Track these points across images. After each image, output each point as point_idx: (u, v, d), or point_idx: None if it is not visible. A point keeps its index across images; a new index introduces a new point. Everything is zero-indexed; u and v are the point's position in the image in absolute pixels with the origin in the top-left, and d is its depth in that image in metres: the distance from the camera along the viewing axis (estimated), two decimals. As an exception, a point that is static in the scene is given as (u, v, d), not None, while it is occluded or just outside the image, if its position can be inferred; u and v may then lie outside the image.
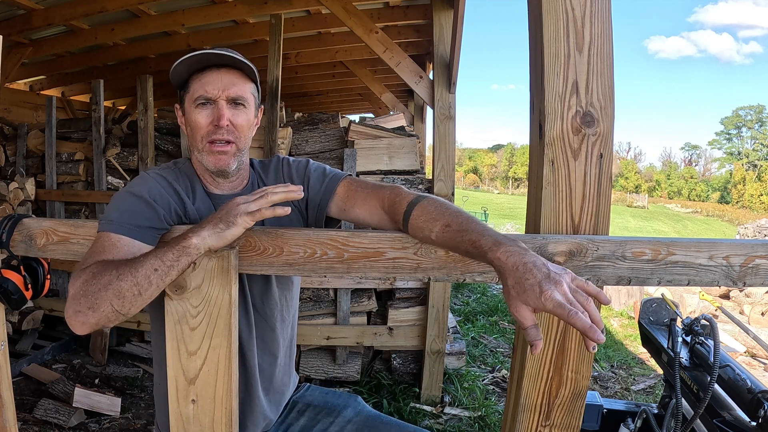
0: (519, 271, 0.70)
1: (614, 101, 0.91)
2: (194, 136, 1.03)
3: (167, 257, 0.84)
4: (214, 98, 1.00)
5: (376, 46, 3.00)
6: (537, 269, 0.70)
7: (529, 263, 0.71)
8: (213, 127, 1.01)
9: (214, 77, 1.00)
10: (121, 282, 0.82)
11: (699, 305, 4.60)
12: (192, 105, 1.02)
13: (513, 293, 0.70)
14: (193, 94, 1.01)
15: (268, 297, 1.11)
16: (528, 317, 0.69)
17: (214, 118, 1.00)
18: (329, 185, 1.08)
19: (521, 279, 0.70)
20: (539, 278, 0.68)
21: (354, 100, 7.61)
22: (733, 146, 49.27)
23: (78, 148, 3.58)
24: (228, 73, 1.02)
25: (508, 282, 0.71)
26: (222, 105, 1.01)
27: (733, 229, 19.71)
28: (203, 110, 1.01)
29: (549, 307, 0.66)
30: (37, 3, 3.14)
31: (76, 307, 0.83)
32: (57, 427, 2.52)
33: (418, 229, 0.89)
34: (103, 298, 0.82)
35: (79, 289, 0.84)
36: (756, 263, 0.87)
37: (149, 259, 0.84)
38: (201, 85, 1.00)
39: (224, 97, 1.01)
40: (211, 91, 1.00)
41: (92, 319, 0.83)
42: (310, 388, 1.31)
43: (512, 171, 54.82)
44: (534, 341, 0.68)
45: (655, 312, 1.67)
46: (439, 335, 3.03)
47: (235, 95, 1.02)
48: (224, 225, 0.86)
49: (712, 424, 1.27)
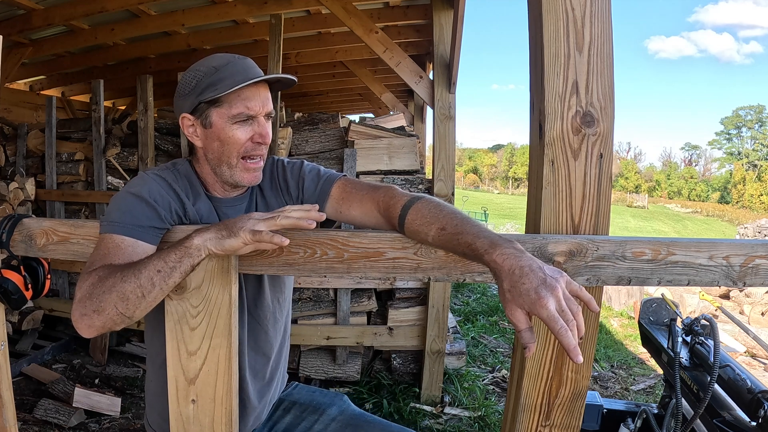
0: (515, 275, 0.71)
1: (614, 101, 0.91)
2: (227, 152, 1.00)
3: (170, 258, 0.84)
4: (255, 115, 0.99)
5: (376, 46, 3.00)
6: (533, 273, 0.70)
7: (525, 267, 0.71)
8: (253, 144, 1.00)
9: (255, 94, 0.99)
10: (125, 284, 0.82)
11: (699, 305, 4.60)
12: (228, 121, 0.98)
13: (509, 296, 0.71)
14: (232, 110, 0.97)
15: (261, 299, 1.11)
16: (523, 320, 0.69)
17: (255, 134, 0.99)
18: (324, 187, 1.08)
19: (517, 283, 0.70)
20: (535, 284, 0.69)
21: (354, 100, 7.61)
22: (733, 146, 49.29)
23: (78, 148, 3.58)
24: (264, 88, 1.01)
25: (504, 285, 0.72)
26: (263, 122, 1.00)
27: (732, 229, 19.72)
28: (243, 126, 0.99)
29: (543, 316, 0.67)
30: (37, 3, 3.14)
31: (82, 311, 0.83)
32: (57, 427, 2.52)
33: (414, 233, 0.90)
34: (108, 300, 0.82)
35: (86, 292, 0.84)
36: (756, 263, 0.87)
37: (152, 260, 0.84)
38: (242, 101, 0.97)
39: (264, 113, 1.00)
40: (254, 108, 0.98)
41: (98, 322, 0.83)
42: (298, 386, 1.32)
43: (512, 171, 54.84)
44: (527, 344, 0.69)
45: (655, 312, 1.67)
46: (439, 335, 3.03)
47: (269, 110, 1.02)
48: (227, 233, 0.85)
49: (712, 424, 1.27)
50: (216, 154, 1.01)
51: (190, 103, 1.00)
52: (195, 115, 1.01)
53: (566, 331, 0.66)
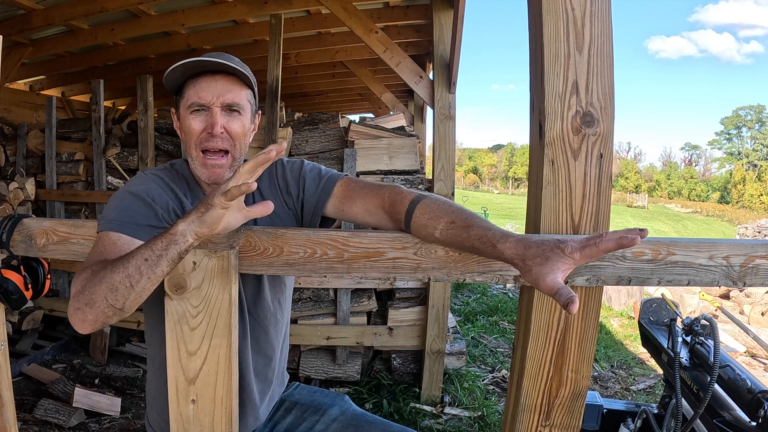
0: (533, 247, 0.74)
1: (614, 101, 0.91)
2: (188, 143, 1.01)
3: (156, 246, 0.82)
4: (208, 104, 0.99)
5: (376, 46, 3.01)
6: (545, 241, 0.75)
7: (536, 240, 0.76)
8: (207, 134, 0.99)
9: (209, 83, 0.99)
10: (113, 275, 0.82)
11: (699, 305, 4.60)
12: (186, 111, 1.00)
13: (536, 270, 0.73)
14: (187, 100, 1.00)
15: (261, 300, 1.11)
16: (557, 281, 0.71)
17: (207, 125, 0.99)
18: (326, 186, 1.07)
19: (539, 251, 0.73)
20: (554, 243, 0.73)
21: (354, 100, 7.62)
22: (733, 146, 49.28)
23: (78, 148, 3.58)
24: (223, 79, 1.00)
25: (527, 261, 0.74)
26: (216, 112, 0.99)
27: (732, 229, 19.71)
28: (197, 116, 0.99)
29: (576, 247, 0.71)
30: (37, 3, 3.14)
31: (76, 305, 0.83)
32: (57, 427, 2.52)
33: (421, 227, 0.89)
34: (98, 293, 0.82)
35: (79, 287, 0.84)
36: (756, 263, 0.87)
37: (140, 250, 0.83)
38: (195, 91, 0.99)
39: (219, 103, 0.99)
40: (205, 98, 0.98)
41: (90, 315, 0.83)
42: (299, 386, 1.32)
43: (512, 171, 54.81)
44: (569, 298, 0.67)
45: (655, 312, 1.68)
46: (439, 335, 3.03)
47: (230, 101, 1.00)
48: (204, 208, 0.81)
49: (712, 424, 1.27)
50: (185, 147, 1.04)
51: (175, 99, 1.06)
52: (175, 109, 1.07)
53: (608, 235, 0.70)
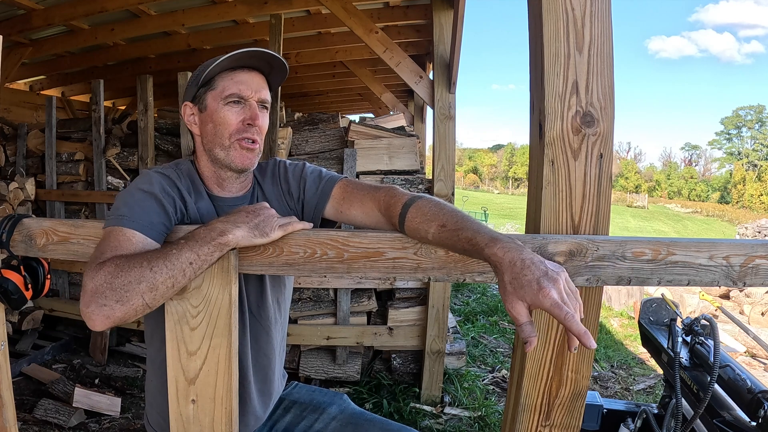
0: (516, 267, 0.71)
1: (614, 101, 0.91)
2: (220, 133, 1.02)
3: (203, 251, 0.85)
4: (246, 98, 1.02)
5: (376, 46, 3.00)
6: (535, 266, 0.70)
7: (526, 260, 0.71)
8: (245, 126, 1.02)
9: (249, 78, 1.03)
10: (155, 275, 0.82)
11: (699, 305, 4.60)
12: (220, 102, 1.02)
13: (509, 289, 0.70)
14: (224, 91, 1.01)
15: (263, 300, 1.11)
16: (523, 314, 0.69)
17: (246, 117, 1.02)
18: (325, 188, 1.09)
19: (519, 275, 0.70)
20: (537, 275, 0.69)
21: (354, 100, 7.61)
22: (733, 146, 49.28)
23: (78, 148, 3.58)
24: (258, 76, 1.04)
25: (504, 278, 0.72)
26: (254, 105, 1.03)
27: (732, 229, 19.72)
28: (234, 108, 1.02)
29: (546, 305, 0.66)
30: (37, 3, 3.14)
31: (101, 301, 0.81)
32: (57, 427, 2.52)
33: (414, 230, 0.90)
34: (135, 291, 0.81)
35: (103, 283, 0.81)
36: (756, 263, 0.87)
37: (183, 252, 0.84)
38: (234, 83, 1.01)
39: (256, 98, 1.03)
40: (245, 91, 1.01)
41: (119, 312, 0.81)
42: (298, 386, 1.33)
43: (512, 171, 54.83)
44: (528, 338, 0.68)
45: (655, 312, 1.68)
46: (439, 335, 3.02)
47: (264, 98, 1.05)
48: (259, 233, 0.89)
49: (712, 424, 1.27)
50: (210, 137, 1.04)
51: (191, 92, 1.06)
52: (194, 102, 1.06)
53: (572, 316, 0.65)
